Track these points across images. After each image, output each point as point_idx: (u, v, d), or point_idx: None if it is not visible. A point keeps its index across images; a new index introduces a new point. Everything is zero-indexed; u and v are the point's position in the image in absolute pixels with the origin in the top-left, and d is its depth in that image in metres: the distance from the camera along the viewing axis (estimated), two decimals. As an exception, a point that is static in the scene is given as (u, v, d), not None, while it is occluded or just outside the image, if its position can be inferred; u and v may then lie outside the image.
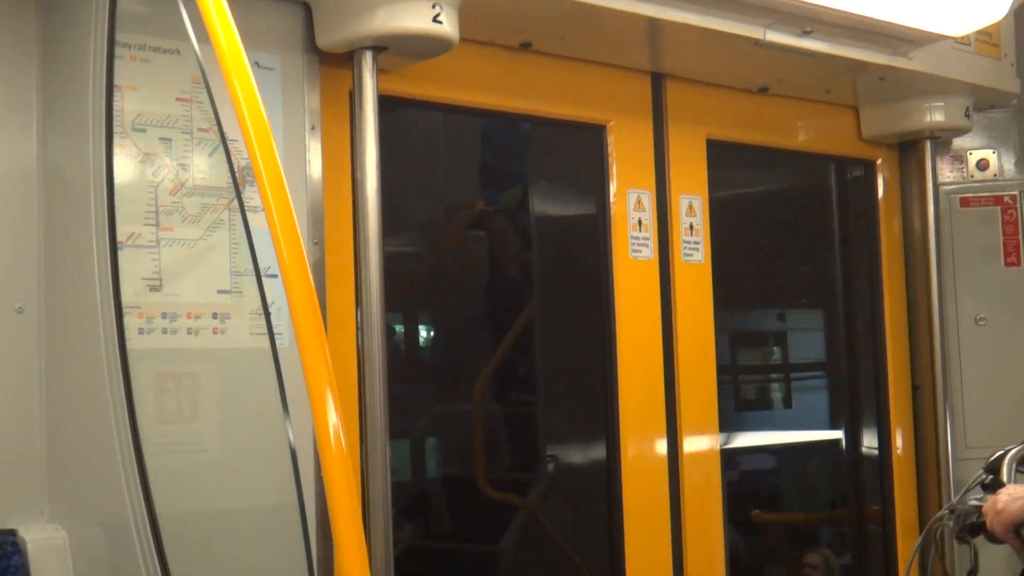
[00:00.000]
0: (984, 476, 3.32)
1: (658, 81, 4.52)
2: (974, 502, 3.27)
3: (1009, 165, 5.27)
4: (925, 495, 5.12)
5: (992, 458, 3.36)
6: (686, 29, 3.97)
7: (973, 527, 3.27)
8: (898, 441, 5.15)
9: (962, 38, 4.61)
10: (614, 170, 4.38)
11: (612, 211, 4.36)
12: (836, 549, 5.47)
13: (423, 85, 3.81)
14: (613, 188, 4.37)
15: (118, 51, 3.08)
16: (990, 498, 3.19)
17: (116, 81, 3.07)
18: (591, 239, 4.43)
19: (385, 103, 3.52)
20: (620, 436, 4.32)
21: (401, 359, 5.33)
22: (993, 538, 3.19)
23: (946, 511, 3.39)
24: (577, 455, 5.15)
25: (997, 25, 4.70)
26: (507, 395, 5.57)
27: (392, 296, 3.74)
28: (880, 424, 5.20)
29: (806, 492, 5.85)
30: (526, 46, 4.08)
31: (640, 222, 4.40)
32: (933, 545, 3.53)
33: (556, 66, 4.21)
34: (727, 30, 4.03)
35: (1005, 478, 3.30)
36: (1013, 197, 5.20)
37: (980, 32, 4.64)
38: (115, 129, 3.07)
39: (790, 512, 5.69)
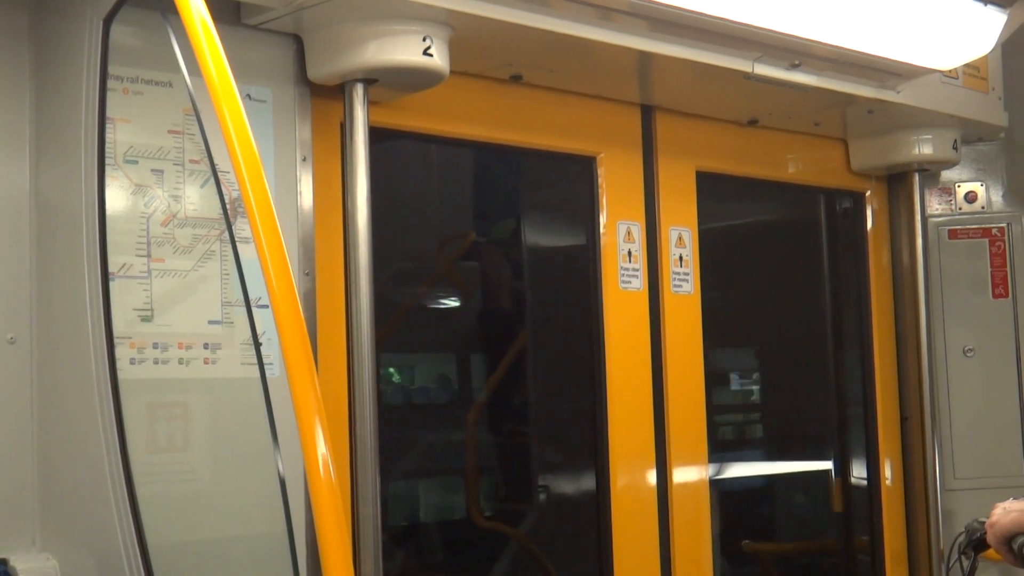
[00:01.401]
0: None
1: (648, 113, 4.54)
2: (982, 519, 3.32)
3: (997, 197, 5.29)
4: (914, 526, 5.12)
5: None
6: (675, 62, 3.98)
7: (977, 542, 3.32)
8: (887, 472, 5.16)
9: (950, 72, 4.63)
10: (604, 201, 4.38)
11: (602, 242, 4.36)
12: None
13: (414, 117, 3.81)
14: (603, 219, 4.38)
15: (111, 84, 3.09)
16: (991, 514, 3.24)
17: (109, 113, 3.08)
18: (582, 270, 4.43)
19: (376, 135, 3.53)
20: (610, 466, 4.31)
21: (392, 390, 5.33)
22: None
23: (964, 531, 3.44)
24: (568, 485, 5.15)
25: (985, 59, 4.73)
26: (499, 426, 5.57)
27: (384, 326, 3.75)
28: (869, 455, 5.20)
29: (795, 522, 5.84)
30: (516, 78, 4.09)
31: (630, 253, 4.40)
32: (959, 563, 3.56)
33: (546, 98, 4.22)
34: (716, 63, 4.04)
35: None
36: (1001, 229, 5.22)
37: (968, 66, 4.66)
38: (107, 161, 3.08)
39: (780, 542, 5.68)
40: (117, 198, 3.15)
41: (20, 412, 3.16)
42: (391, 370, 5.47)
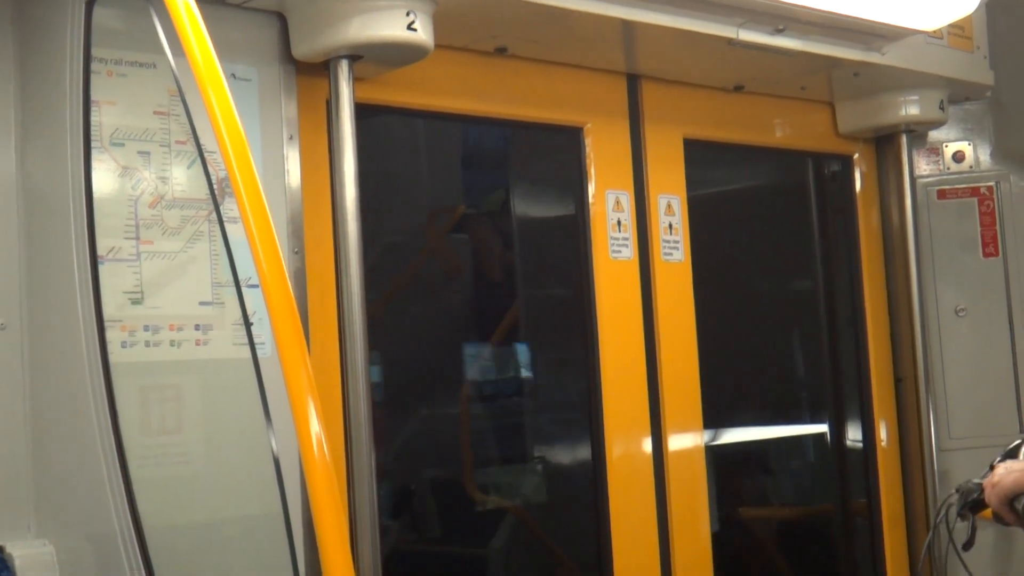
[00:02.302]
0: (999, 459, 3.37)
1: (634, 82, 4.53)
2: (977, 480, 3.32)
3: (985, 156, 5.29)
4: (910, 486, 5.14)
5: (1011, 445, 3.41)
6: (659, 30, 3.98)
7: (974, 503, 3.34)
8: (882, 433, 5.18)
9: (934, 32, 4.63)
10: (592, 171, 4.39)
11: (591, 212, 4.37)
12: (825, 542, 5.49)
13: (400, 92, 3.82)
14: (592, 189, 4.38)
15: (94, 66, 3.10)
16: (991, 473, 3.25)
17: (93, 96, 3.09)
18: (572, 240, 4.44)
19: (362, 111, 3.53)
20: (605, 436, 4.33)
21: (385, 365, 5.33)
22: (998, 518, 3.25)
23: (955, 492, 3.44)
24: (564, 456, 5.16)
25: (969, 18, 4.72)
26: (495, 398, 5.58)
27: (376, 302, 3.75)
28: (864, 417, 5.22)
29: (792, 487, 5.86)
30: (501, 51, 4.09)
31: (619, 223, 4.41)
32: (944, 524, 3.56)
33: (532, 70, 4.22)
34: (700, 30, 4.04)
35: None
36: (990, 188, 5.22)
37: (952, 25, 4.66)
38: (93, 143, 3.09)
39: (776, 507, 5.69)
40: (104, 181, 3.16)
41: (12, 398, 3.17)
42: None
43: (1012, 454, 3.37)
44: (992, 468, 3.33)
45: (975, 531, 3.45)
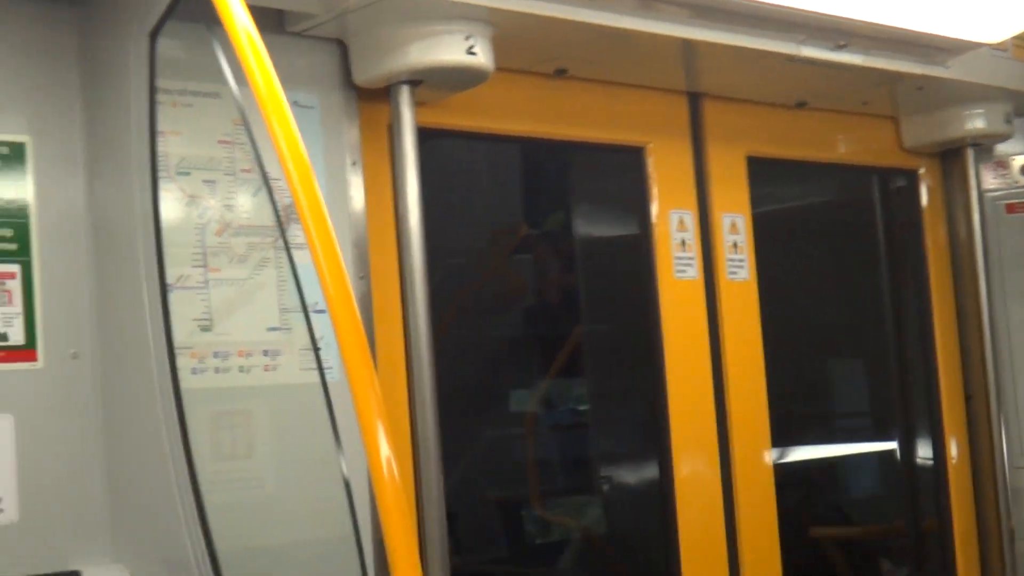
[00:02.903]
0: None
1: (695, 100, 4.55)
2: None
3: (1053, 169, 5.28)
4: (982, 504, 5.11)
5: None
6: (720, 49, 3.99)
7: None
8: (952, 451, 5.15)
9: (999, 44, 4.60)
10: (655, 191, 4.40)
11: (655, 232, 4.38)
12: (895, 562, 5.47)
13: (460, 116, 3.84)
14: (655, 209, 4.40)
15: (159, 97, 3.12)
16: None
17: (159, 127, 3.11)
18: (635, 260, 4.45)
19: (424, 135, 3.55)
20: (672, 456, 4.33)
21: (452, 386, 5.38)
22: None
23: None
24: (630, 476, 5.18)
25: (1034, 30, 4.72)
26: (560, 418, 5.60)
27: (439, 323, 3.78)
28: (934, 434, 5.20)
29: (862, 505, 5.84)
30: (561, 72, 4.11)
31: (684, 242, 4.42)
32: None
33: (592, 90, 4.24)
34: (761, 47, 4.04)
35: None
36: (1059, 201, 5.22)
37: (1016, 38, 4.64)
38: (160, 173, 3.11)
39: (847, 526, 5.68)
40: (171, 210, 3.18)
41: (87, 426, 3.20)
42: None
43: None
44: None
45: None
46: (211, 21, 2.78)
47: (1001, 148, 5.26)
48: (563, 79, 4.16)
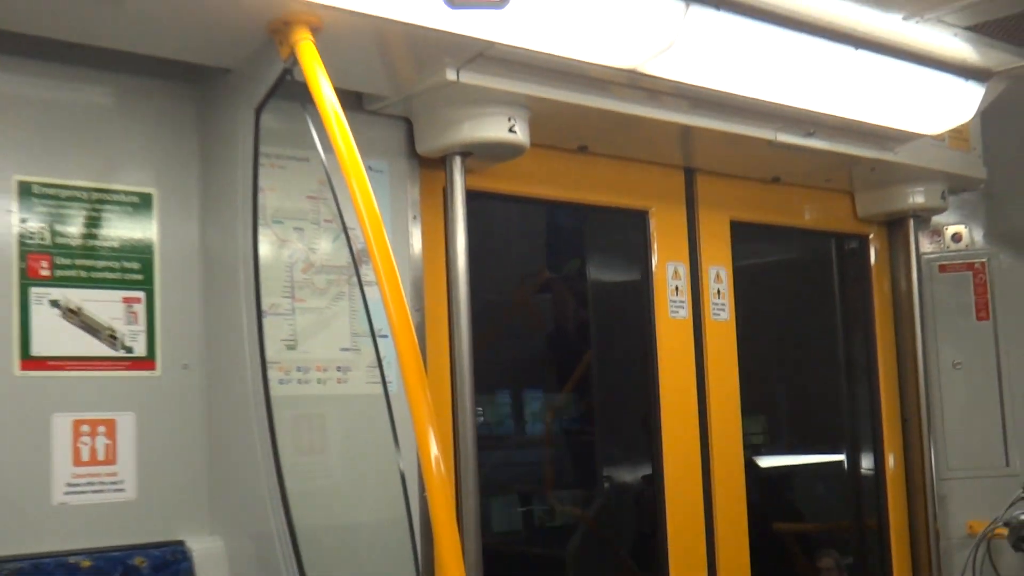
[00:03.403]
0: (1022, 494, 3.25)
1: (690, 174, 4.54)
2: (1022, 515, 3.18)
3: (978, 237, 5.25)
4: (914, 508, 5.06)
5: None
6: (711, 133, 4.00)
7: None
8: (890, 463, 5.11)
9: (938, 136, 4.59)
10: (655, 246, 4.39)
11: (654, 279, 4.37)
12: (842, 553, 5.43)
13: (501, 181, 3.84)
14: (655, 261, 4.39)
15: (261, 160, 3.13)
16: None
17: (260, 183, 3.12)
18: (637, 301, 4.44)
19: (471, 196, 3.56)
20: (663, 459, 4.31)
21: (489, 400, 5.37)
22: None
23: (998, 523, 3.28)
24: (627, 476, 5.16)
25: (967, 124, 4.68)
26: (571, 427, 5.59)
27: (479, 346, 3.78)
28: (875, 449, 5.17)
29: (815, 505, 5.80)
30: (583, 148, 4.12)
31: (677, 288, 4.41)
32: (985, 551, 3.40)
33: (607, 164, 4.24)
34: (745, 133, 4.04)
35: None
36: (982, 263, 5.19)
37: (952, 130, 4.63)
38: (259, 221, 3.12)
39: (802, 522, 5.64)
40: (267, 251, 3.20)
41: (193, 423, 3.20)
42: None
43: None
44: None
45: None
46: (305, 100, 2.81)
47: (936, 219, 5.24)
48: (584, 154, 4.16)
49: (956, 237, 5.26)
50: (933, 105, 4.24)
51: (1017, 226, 5.22)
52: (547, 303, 5.77)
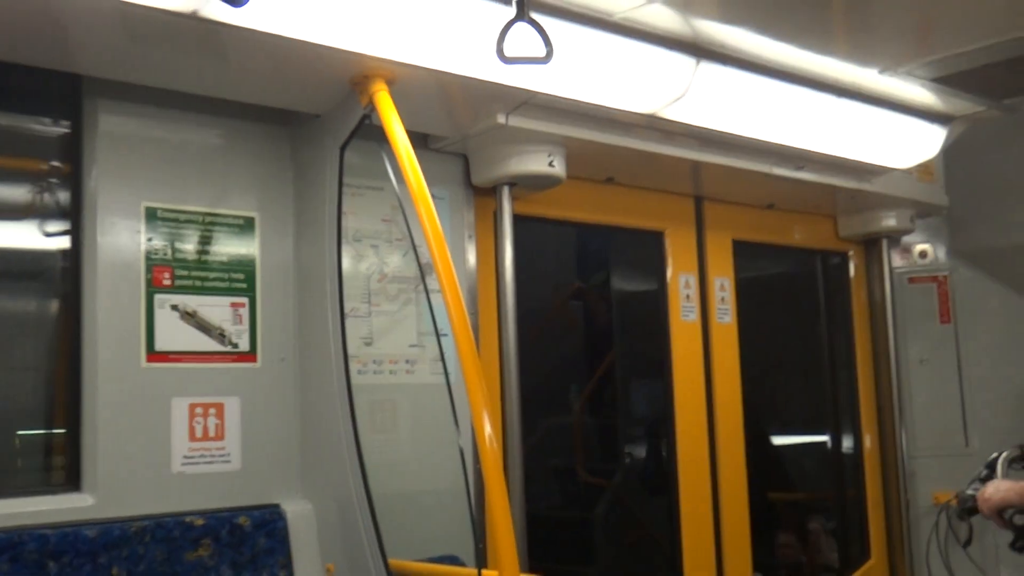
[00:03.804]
0: (983, 471, 3.24)
1: (699, 201, 4.53)
2: (971, 491, 3.17)
3: (942, 254, 5.21)
4: (888, 481, 5.03)
5: (990, 459, 3.28)
6: (717, 167, 3.99)
7: (970, 509, 3.19)
8: (867, 443, 5.08)
9: (908, 169, 4.57)
10: (669, 261, 4.39)
11: (669, 288, 4.36)
12: (826, 518, 5.39)
13: (542, 207, 3.84)
14: (669, 273, 4.38)
15: (344, 189, 3.14)
16: (983, 488, 3.12)
17: (343, 208, 3.14)
18: (654, 307, 4.43)
19: (516, 219, 3.57)
20: (676, 439, 4.30)
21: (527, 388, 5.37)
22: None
23: (953, 496, 3.28)
24: (644, 452, 5.15)
25: (932, 160, 4.67)
26: (597, 411, 5.58)
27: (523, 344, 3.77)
28: (855, 431, 5.13)
29: (804, 478, 5.76)
30: (610, 179, 4.12)
31: (688, 296, 4.41)
32: (947, 518, 3.36)
33: (630, 193, 4.23)
34: (745, 167, 4.04)
35: (999, 474, 3.23)
36: (945, 276, 5.15)
37: (919, 165, 4.61)
38: (342, 240, 3.14)
39: (793, 492, 5.60)
40: (348, 264, 3.23)
41: (288, 406, 3.21)
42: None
43: (991, 466, 3.24)
44: (981, 480, 3.19)
45: (972, 530, 3.30)
46: (381, 140, 2.83)
47: (906, 239, 5.20)
48: (611, 184, 4.16)
49: (923, 254, 5.22)
50: (903, 144, 4.23)
51: (974, 244, 5.18)
52: (578, 309, 5.76)
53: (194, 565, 2.90)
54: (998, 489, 3.06)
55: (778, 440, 5.53)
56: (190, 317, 3.07)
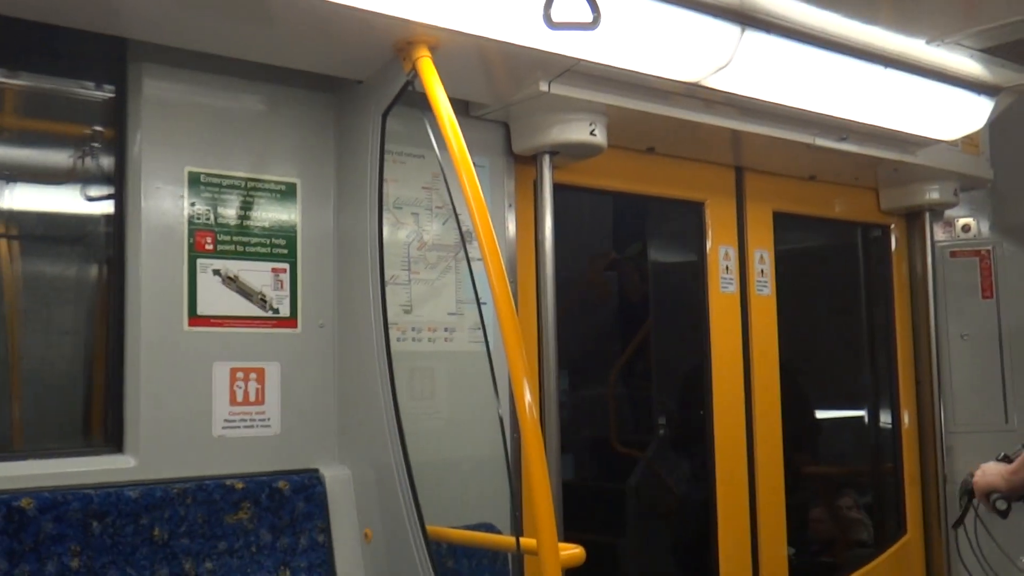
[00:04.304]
0: (1001, 454, 3.22)
1: (739, 172, 4.49)
2: (968, 474, 3.18)
3: (985, 228, 5.16)
4: (925, 457, 5.00)
5: (1012, 453, 3.23)
6: (759, 137, 3.97)
7: (971, 492, 3.20)
8: (905, 419, 5.04)
9: (952, 141, 4.52)
10: (709, 232, 4.36)
11: (708, 260, 4.34)
12: (860, 493, 5.37)
13: (583, 176, 3.83)
14: (709, 244, 4.36)
15: (386, 156, 3.13)
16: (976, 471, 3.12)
17: (385, 176, 3.13)
18: (693, 278, 4.41)
19: (557, 188, 3.55)
20: (713, 411, 4.29)
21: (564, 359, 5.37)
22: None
23: (961, 482, 3.29)
24: (680, 423, 5.14)
25: (977, 132, 4.61)
26: (631, 382, 5.59)
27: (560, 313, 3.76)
28: (892, 407, 5.10)
29: (840, 452, 5.74)
30: (650, 149, 4.10)
31: (727, 268, 4.38)
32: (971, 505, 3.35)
33: (671, 163, 4.21)
34: (787, 137, 4.01)
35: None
36: (988, 250, 5.10)
37: (965, 137, 4.56)
38: (383, 207, 3.13)
39: (828, 466, 5.58)
40: (389, 231, 3.22)
41: (328, 372, 3.22)
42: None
43: (1007, 457, 3.21)
44: (997, 460, 3.17)
45: (965, 512, 3.29)
46: (423, 107, 2.82)
47: (949, 212, 5.15)
48: (652, 154, 4.13)
49: (965, 228, 5.16)
50: (949, 115, 4.17)
51: (1018, 219, 5.13)
52: (612, 280, 5.75)
53: (234, 528, 2.93)
54: (985, 473, 3.09)
55: (818, 415, 5.50)
56: (232, 282, 3.08)
